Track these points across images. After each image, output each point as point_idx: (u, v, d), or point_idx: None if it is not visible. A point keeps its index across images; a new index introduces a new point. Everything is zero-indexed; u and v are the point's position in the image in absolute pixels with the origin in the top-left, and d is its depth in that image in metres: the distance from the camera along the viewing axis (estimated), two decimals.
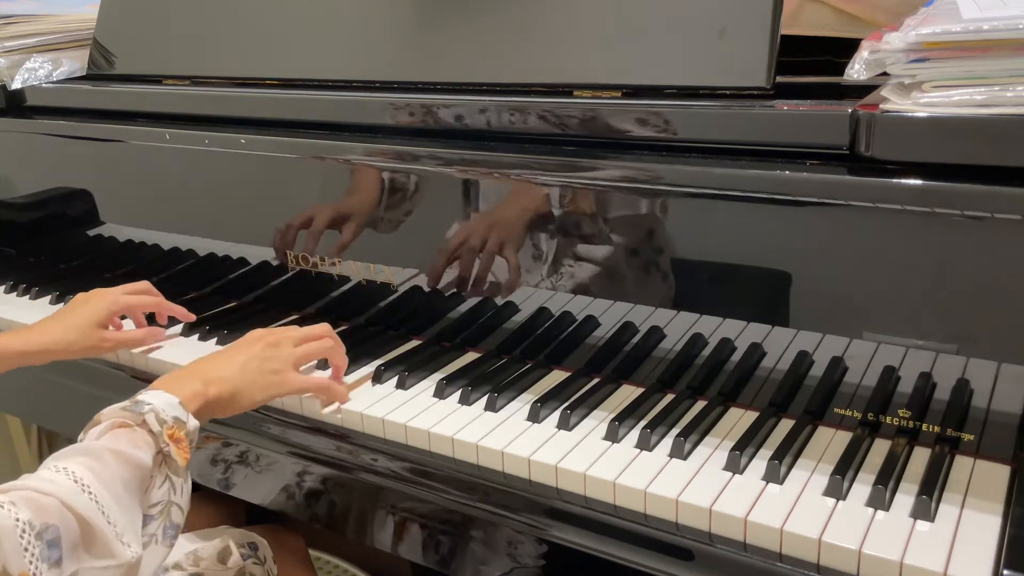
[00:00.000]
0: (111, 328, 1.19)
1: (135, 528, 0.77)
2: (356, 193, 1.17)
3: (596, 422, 0.96)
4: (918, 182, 0.79)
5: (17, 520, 0.68)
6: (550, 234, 1.03)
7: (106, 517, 0.73)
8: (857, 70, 0.83)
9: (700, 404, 0.98)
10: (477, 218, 1.08)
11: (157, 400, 0.84)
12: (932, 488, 0.80)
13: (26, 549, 0.67)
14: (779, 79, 0.91)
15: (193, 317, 1.25)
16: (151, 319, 1.26)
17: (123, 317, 1.25)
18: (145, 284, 1.24)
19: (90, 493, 0.73)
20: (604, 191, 0.98)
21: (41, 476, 0.74)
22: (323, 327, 1.06)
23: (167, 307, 1.24)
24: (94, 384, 1.25)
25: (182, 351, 1.21)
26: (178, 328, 1.26)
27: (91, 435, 0.81)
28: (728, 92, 0.93)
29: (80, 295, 1.20)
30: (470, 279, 1.10)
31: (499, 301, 1.10)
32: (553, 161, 0.99)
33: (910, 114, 0.78)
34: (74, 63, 1.48)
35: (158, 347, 1.23)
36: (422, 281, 1.15)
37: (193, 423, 0.85)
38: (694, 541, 0.81)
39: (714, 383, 0.98)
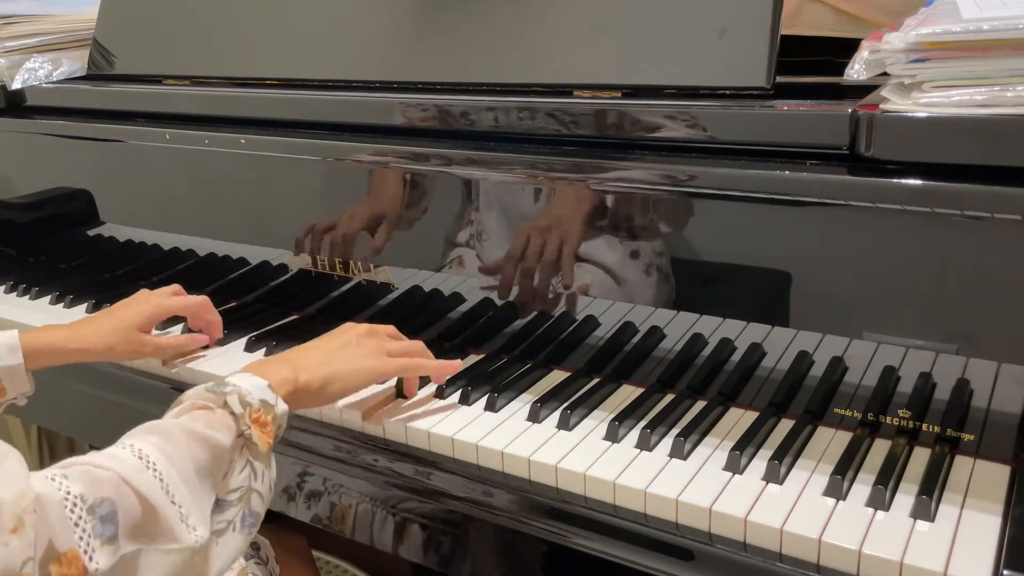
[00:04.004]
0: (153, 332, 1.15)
1: (203, 511, 0.72)
2: (357, 193, 1.17)
3: (596, 422, 0.96)
4: (918, 182, 0.79)
5: (68, 493, 0.62)
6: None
7: (170, 497, 0.69)
8: (857, 70, 0.83)
9: (700, 404, 0.98)
10: (479, 218, 1.08)
11: (244, 382, 0.80)
12: (932, 488, 0.80)
13: (76, 524, 0.62)
14: (779, 79, 0.91)
15: (211, 340, 1.20)
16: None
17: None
18: (202, 297, 1.19)
19: (155, 470, 0.69)
20: (603, 191, 0.98)
21: (106, 452, 0.69)
22: (417, 345, 1.03)
23: (207, 313, 1.19)
24: (93, 383, 1.25)
25: None
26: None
27: (169, 415, 0.77)
28: (728, 92, 0.93)
29: (136, 294, 1.16)
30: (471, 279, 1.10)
31: (499, 302, 1.10)
32: (552, 161, 0.99)
33: (910, 114, 0.78)
34: (74, 63, 1.48)
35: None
36: (422, 281, 1.15)
37: (282, 407, 0.82)
38: (694, 541, 0.81)
39: (714, 383, 0.98)
